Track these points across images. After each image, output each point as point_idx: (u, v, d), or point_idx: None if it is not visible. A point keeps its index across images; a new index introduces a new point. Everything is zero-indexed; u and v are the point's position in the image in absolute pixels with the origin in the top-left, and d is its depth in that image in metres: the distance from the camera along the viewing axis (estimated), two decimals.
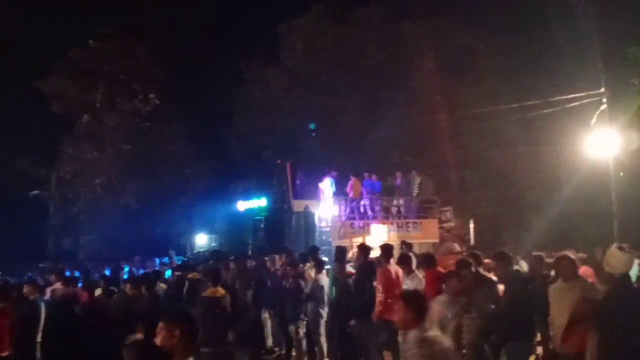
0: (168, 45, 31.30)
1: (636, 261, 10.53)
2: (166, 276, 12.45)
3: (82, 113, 29.96)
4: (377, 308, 8.22)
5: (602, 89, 16.27)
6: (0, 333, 7.28)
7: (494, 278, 7.17)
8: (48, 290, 10.07)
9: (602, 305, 5.58)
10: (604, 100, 16.18)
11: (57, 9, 30.94)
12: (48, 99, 28.80)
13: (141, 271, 12.83)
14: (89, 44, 29.76)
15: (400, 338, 4.81)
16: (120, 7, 31.45)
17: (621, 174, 16.75)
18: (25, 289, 8.74)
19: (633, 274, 8.86)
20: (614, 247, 5.72)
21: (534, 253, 8.76)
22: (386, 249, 9.00)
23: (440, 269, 7.70)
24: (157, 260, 16.83)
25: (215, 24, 34.75)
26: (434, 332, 4.45)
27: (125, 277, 12.49)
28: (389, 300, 8.22)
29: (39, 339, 7.97)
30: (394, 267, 8.68)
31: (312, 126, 26.76)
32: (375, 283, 8.45)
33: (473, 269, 7.47)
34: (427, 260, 7.92)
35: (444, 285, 6.28)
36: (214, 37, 34.67)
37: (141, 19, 31.14)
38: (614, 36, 16.79)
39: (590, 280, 6.90)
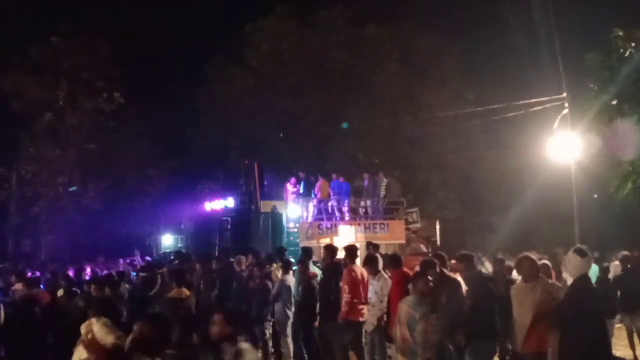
0: (131, 43, 30.93)
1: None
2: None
3: (43, 111, 29.27)
4: (343, 309, 8.24)
5: (564, 94, 16.63)
6: None
7: (459, 279, 7.28)
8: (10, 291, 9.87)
9: (562, 305, 5.72)
10: (566, 104, 16.52)
11: (16, 4, 30.26)
12: (7, 97, 28.07)
13: (105, 272, 12.62)
14: (51, 41, 29.14)
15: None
16: (81, 3, 30.96)
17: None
18: None
19: (593, 275, 9.12)
20: (571, 251, 5.86)
21: (498, 256, 8.93)
22: (350, 250, 9.01)
23: (406, 269, 7.76)
24: (121, 261, 16.62)
25: (179, 23, 34.45)
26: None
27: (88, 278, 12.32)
28: (355, 301, 8.29)
29: None
30: (359, 268, 8.72)
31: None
32: (341, 284, 8.48)
33: (438, 270, 7.58)
34: (394, 261, 7.99)
35: (410, 286, 6.33)
36: (178, 37, 34.40)
37: (102, 16, 30.80)
38: (574, 42, 17.20)
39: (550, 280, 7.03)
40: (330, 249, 9.48)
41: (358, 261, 9.23)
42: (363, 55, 28.45)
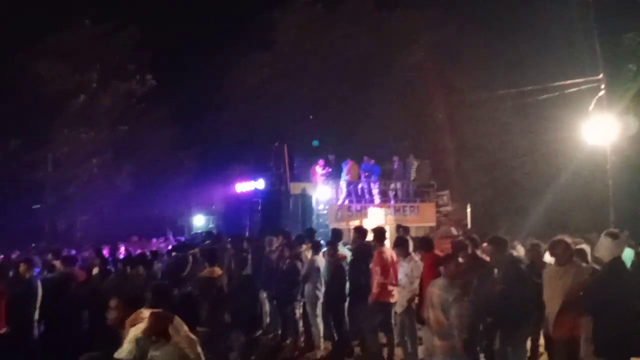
0: (160, 28, 31.16)
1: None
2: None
3: (77, 94, 29.82)
4: (375, 290, 8.26)
5: (601, 75, 16.25)
6: None
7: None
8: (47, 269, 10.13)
9: (593, 289, 5.62)
10: (602, 86, 16.15)
11: None
12: (41, 80, 28.57)
13: (138, 251, 12.84)
14: (83, 24, 29.59)
15: None
16: None
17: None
18: (21, 268, 8.76)
19: (627, 259, 8.96)
20: (603, 234, 5.75)
21: (533, 241, 8.77)
22: (379, 232, 9.01)
23: (437, 252, 7.73)
24: (154, 241, 16.88)
25: (208, 7, 34.44)
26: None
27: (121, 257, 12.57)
28: (386, 283, 8.31)
29: (36, 316, 8.02)
30: (389, 250, 8.73)
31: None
32: (371, 266, 8.49)
33: (470, 252, 7.53)
34: (425, 244, 7.92)
35: (441, 269, 6.30)
36: (207, 21, 34.49)
37: (132, 1, 31.02)
38: (611, 22, 16.77)
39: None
40: (361, 231, 9.51)
41: (387, 243, 9.24)
42: (391, 39, 28.19)
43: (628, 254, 9.34)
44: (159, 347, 3.91)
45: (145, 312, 3.92)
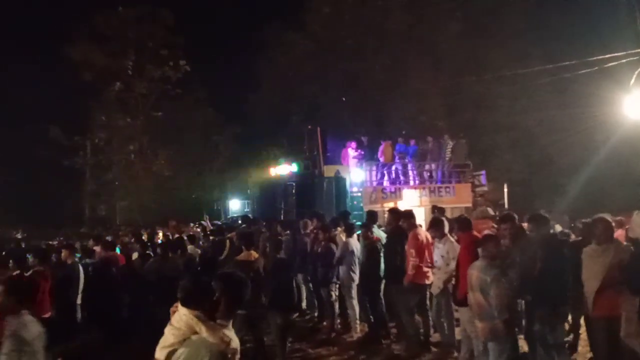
0: (192, 11, 31.27)
1: None
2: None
3: (113, 80, 30.14)
4: (410, 272, 8.24)
5: None
6: (42, 295, 7.52)
7: None
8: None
9: (631, 267, 5.52)
10: None
11: None
12: (77, 67, 28.95)
13: (176, 236, 13.05)
14: (116, 10, 29.80)
15: None
16: None
17: None
18: (63, 253, 8.99)
19: None
20: (636, 212, 5.62)
21: (583, 220, 8.53)
22: (407, 215, 8.95)
23: (475, 233, 7.64)
24: (191, 225, 17.11)
25: None
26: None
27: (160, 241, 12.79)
28: (421, 265, 8.29)
29: (78, 300, 8.24)
30: (423, 232, 8.71)
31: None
32: (407, 247, 8.46)
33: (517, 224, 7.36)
34: (463, 224, 7.77)
35: (479, 250, 6.22)
36: (238, 3, 34.44)
37: None
38: None
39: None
40: (395, 213, 9.45)
41: (423, 225, 9.18)
42: (424, 15, 27.77)
43: None
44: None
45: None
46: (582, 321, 7.59)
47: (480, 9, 27.07)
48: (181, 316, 3.79)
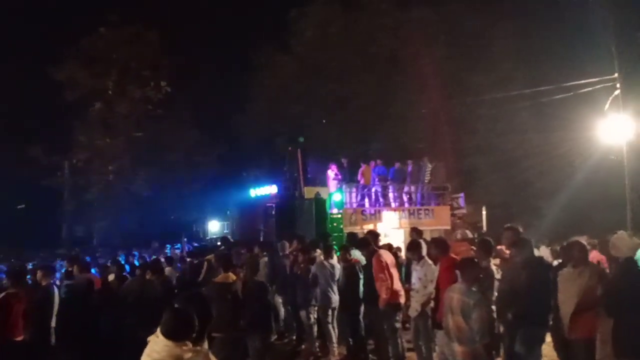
0: (178, 32, 31.33)
1: None
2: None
3: (94, 100, 29.99)
4: (385, 295, 8.27)
5: (616, 74, 16.13)
6: (15, 318, 7.37)
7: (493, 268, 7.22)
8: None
9: (610, 289, 5.58)
10: (618, 85, 16.04)
11: None
12: (60, 87, 28.82)
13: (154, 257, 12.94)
14: (100, 32, 29.77)
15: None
16: None
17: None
18: (38, 275, 8.83)
19: None
20: (619, 232, 5.71)
21: (564, 243, 8.62)
22: (372, 235, 9.06)
23: (453, 255, 7.67)
24: (169, 247, 16.99)
25: (225, 10, 34.64)
26: None
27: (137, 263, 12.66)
28: (394, 286, 8.36)
29: (53, 324, 8.08)
30: (385, 253, 8.79)
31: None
32: (374, 272, 8.47)
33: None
34: (441, 247, 7.80)
35: (458, 272, 6.22)
36: (224, 24, 34.67)
37: (151, 5, 31.23)
38: (626, 21, 16.60)
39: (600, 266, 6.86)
40: (373, 235, 9.50)
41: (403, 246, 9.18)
42: (409, 39, 28.08)
43: None
44: None
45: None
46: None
47: (464, 34, 27.50)
48: (163, 347, 3.74)
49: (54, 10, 30.18)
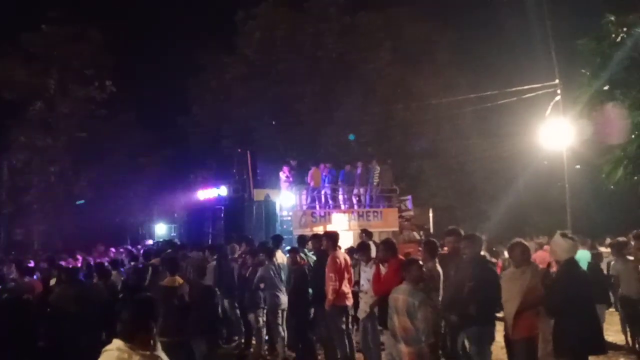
0: (122, 31, 30.63)
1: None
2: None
3: (34, 100, 29.07)
4: (330, 296, 8.28)
5: (557, 81, 16.63)
6: None
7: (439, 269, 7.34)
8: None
9: (551, 289, 5.73)
10: (558, 91, 16.54)
11: None
12: None
13: (98, 260, 12.59)
14: (41, 29, 28.86)
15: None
16: None
17: (577, 166, 17.16)
18: None
19: (584, 261, 9.16)
20: (557, 234, 5.86)
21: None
22: (330, 237, 8.96)
23: (400, 256, 7.75)
24: (113, 250, 16.55)
25: (171, 10, 34.12)
26: None
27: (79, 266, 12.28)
28: (342, 287, 8.37)
29: None
30: (342, 254, 8.79)
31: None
32: (327, 271, 8.48)
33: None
34: (389, 249, 7.88)
35: (404, 273, 6.27)
36: (170, 24, 34.11)
37: (94, 3, 30.52)
38: (566, 28, 17.15)
39: (541, 266, 7.03)
40: (317, 237, 9.53)
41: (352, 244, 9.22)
42: (355, 43, 28.37)
43: (584, 256, 9.55)
44: None
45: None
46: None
47: (409, 41, 27.95)
48: (112, 351, 3.63)
49: None
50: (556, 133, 16.30)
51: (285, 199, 17.69)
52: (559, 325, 5.51)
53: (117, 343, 3.65)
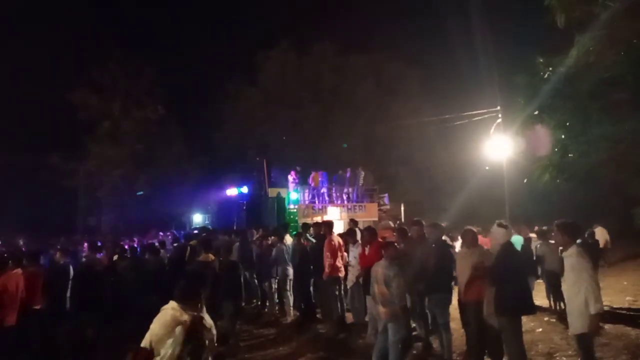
0: (170, 66, 30.90)
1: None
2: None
3: (103, 119, 29.40)
4: (327, 270, 8.34)
5: (498, 107, 16.65)
6: (35, 290, 7.05)
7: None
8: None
9: (494, 265, 5.74)
10: (500, 115, 16.56)
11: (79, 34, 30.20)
12: (75, 109, 28.14)
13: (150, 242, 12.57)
14: (107, 65, 29.14)
15: None
16: (131, 31, 30.84)
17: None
18: (57, 255, 8.50)
19: (518, 243, 9.13)
20: (495, 225, 5.86)
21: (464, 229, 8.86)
22: (328, 224, 9.08)
23: (379, 239, 7.74)
24: (161, 234, 16.52)
25: (207, 51, 34.19)
26: None
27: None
28: (335, 263, 8.40)
29: (68, 294, 7.75)
30: (336, 237, 8.79)
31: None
32: (324, 250, 8.49)
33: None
34: (371, 234, 7.90)
35: (383, 252, 6.28)
36: (207, 62, 34.25)
37: (147, 45, 30.77)
38: (506, 66, 17.16)
39: (486, 247, 7.03)
40: (318, 225, 9.62)
41: (334, 233, 9.19)
42: (347, 78, 28.53)
43: (518, 240, 9.54)
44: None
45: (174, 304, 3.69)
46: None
47: (388, 76, 28.08)
48: (168, 310, 3.61)
49: (69, 42, 29.34)
50: (498, 146, 16.32)
51: (293, 195, 17.68)
52: (499, 291, 5.49)
53: (172, 304, 3.64)
